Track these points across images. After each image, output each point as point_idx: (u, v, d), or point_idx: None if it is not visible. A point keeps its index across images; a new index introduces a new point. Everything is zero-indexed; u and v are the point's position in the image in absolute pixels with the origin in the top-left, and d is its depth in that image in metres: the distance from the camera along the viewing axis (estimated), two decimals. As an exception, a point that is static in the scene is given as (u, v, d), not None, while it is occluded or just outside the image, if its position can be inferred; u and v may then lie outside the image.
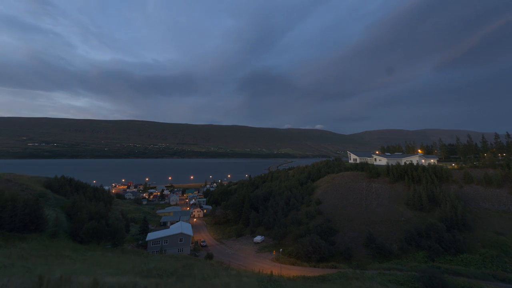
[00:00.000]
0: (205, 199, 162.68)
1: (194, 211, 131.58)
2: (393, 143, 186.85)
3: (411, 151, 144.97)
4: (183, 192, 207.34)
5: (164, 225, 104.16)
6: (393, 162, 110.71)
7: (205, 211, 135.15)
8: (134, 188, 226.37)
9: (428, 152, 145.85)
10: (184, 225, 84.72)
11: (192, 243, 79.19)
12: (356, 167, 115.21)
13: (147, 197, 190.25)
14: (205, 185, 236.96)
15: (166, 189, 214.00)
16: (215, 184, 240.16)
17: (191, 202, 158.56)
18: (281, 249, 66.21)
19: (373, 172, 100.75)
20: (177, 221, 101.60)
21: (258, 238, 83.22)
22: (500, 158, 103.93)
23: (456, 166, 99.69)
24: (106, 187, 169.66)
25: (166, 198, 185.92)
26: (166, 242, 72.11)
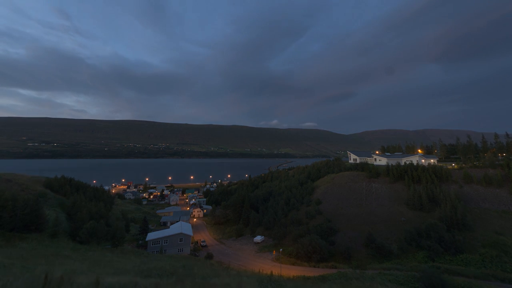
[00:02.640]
0: (205, 199, 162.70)
1: (194, 211, 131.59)
2: (393, 143, 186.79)
3: (411, 151, 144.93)
4: (183, 192, 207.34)
5: (164, 225, 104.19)
6: (393, 162, 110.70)
7: (205, 211, 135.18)
8: (134, 188, 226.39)
9: (428, 152, 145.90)
10: (184, 225, 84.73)
11: (192, 243, 79.20)
12: (356, 167, 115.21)
13: (147, 197, 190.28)
14: (205, 185, 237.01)
15: (166, 189, 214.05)
16: (215, 184, 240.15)
17: (191, 202, 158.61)
18: (281, 249, 66.23)
19: (373, 172, 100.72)
20: (177, 221, 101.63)
21: (258, 238, 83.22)
22: (500, 158, 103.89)
23: (456, 166, 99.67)
24: (106, 187, 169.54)
25: (166, 198, 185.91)
26: (166, 242, 72.11)
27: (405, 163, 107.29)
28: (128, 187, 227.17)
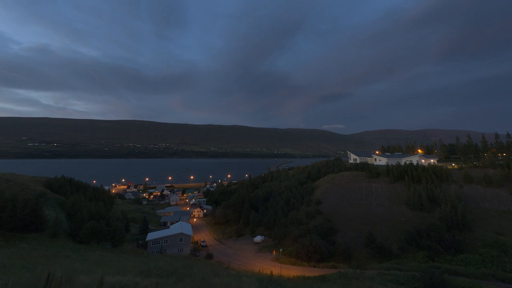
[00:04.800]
0: (205, 199, 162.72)
1: (194, 211, 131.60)
2: (393, 143, 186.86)
3: (411, 151, 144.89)
4: (183, 192, 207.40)
5: (164, 225, 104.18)
6: (393, 162, 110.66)
7: (205, 211, 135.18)
8: (134, 188, 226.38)
9: (428, 152, 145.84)
10: (184, 225, 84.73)
11: (192, 243, 79.22)
12: (356, 167, 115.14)
13: (147, 197, 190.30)
14: (205, 185, 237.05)
15: (166, 189, 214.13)
16: (215, 184, 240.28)
17: (191, 202, 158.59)
18: (281, 249, 66.21)
19: (373, 172, 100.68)
20: (177, 221, 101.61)
21: (258, 238, 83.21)
22: (500, 158, 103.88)
23: (456, 166, 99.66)
24: (106, 187, 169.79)
25: (166, 198, 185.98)
26: (166, 242, 72.10)
27: (405, 163, 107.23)
28: (128, 187, 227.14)
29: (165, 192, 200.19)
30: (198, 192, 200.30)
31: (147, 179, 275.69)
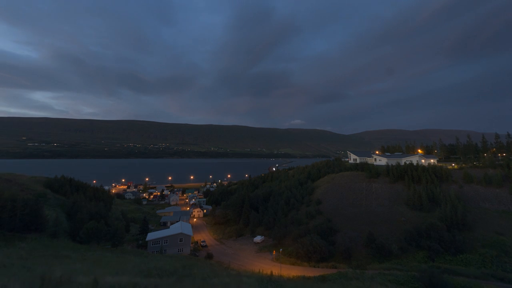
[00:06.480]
0: (205, 199, 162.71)
1: (194, 211, 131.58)
2: (393, 143, 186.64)
3: (411, 151, 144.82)
4: (183, 192, 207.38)
5: (164, 225, 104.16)
6: (393, 162, 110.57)
7: (205, 211, 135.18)
8: (134, 188, 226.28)
9: (428, 152, 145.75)
10: (184, 225, 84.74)
11: (192, 243, 79.20)
12: (356, 167, 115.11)
13: (147, 197, 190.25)
14: (205, 185, 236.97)
15: (166, 189, 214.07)
16: (215, 184, 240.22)
17: (191, 202, 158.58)
18: (281, 249, 66.21)
19: (373, 172, 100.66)
20: (177, 221, 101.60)
21: (258, 238, 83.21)
22: (500, 158, 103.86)
23: (456, 166, 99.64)
24: (106, 187, 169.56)
25: (166, 198, 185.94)
26: (166, 242, 72.09)
27: (405, 163, 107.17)
28: (128, 187, 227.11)
29: (165, 192, 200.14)
30: (198, 192, 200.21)
31: (147, 179, 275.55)
